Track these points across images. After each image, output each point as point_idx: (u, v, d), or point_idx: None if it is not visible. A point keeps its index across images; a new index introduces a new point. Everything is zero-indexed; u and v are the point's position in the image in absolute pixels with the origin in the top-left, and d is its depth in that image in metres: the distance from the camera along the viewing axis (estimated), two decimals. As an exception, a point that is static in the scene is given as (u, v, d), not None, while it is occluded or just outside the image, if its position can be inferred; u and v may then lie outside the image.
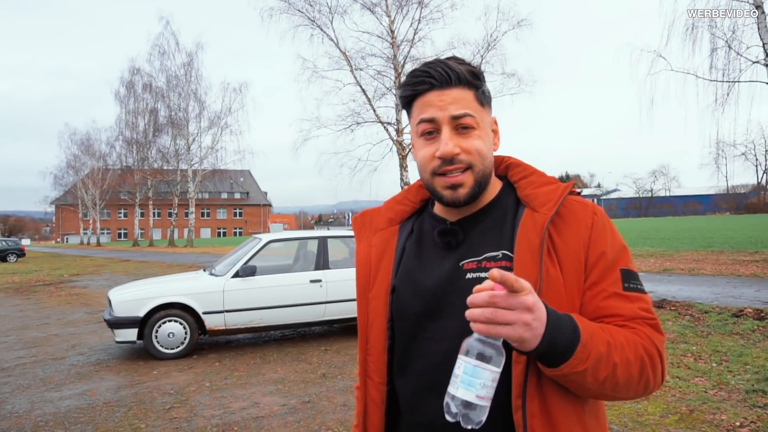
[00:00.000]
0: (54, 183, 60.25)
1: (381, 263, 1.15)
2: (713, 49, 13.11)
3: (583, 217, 1.02)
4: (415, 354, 1.05)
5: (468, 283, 1.00)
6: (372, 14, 19.47)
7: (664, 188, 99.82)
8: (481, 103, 1.04)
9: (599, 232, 1.01)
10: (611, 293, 0.98)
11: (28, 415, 4.64)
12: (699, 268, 12.21)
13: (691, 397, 4.27)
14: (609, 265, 1.00)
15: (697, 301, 7.84)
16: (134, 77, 39.09)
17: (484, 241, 1.05)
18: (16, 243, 34.93)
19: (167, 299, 6.45)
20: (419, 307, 1.06)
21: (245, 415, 4.44)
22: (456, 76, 1.01)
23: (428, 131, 1.03)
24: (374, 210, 1.24)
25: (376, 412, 1.11)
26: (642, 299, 1.00)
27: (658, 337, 0.97)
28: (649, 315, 0.98)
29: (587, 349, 0.87)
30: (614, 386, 0.91)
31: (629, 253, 1.05)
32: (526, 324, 0.82)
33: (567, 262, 0.99)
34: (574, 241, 1.00)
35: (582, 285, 0.99)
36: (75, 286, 15.64)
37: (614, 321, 0.97)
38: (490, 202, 1.10)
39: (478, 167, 1.02)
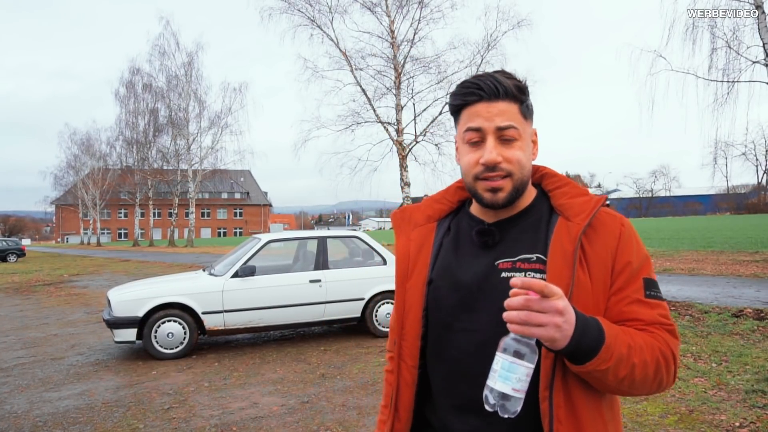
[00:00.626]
0: (54, 183, 60.34)
1: (419, 256, 1.24)
2: (713, 48, 13.10)
3: (612, 228, 1.11)
4: (448, 343, 1.15)
5: (502, 281, 1.10)
6: (372, 14, 19.47)
7: (665, 188, 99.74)
8: (524, 116, 1.13)
9: (626, 242, 1.10)
10: (634, 299, 1.07)
11: (27, 415, 4.64)
12: (699, 268, 12.20)
13: (690, 398, 4.26)
14: (633, 273, 1.09)
15: (697, 301, 7.83)
16: (134, 77, 39.12)
17: (519, 244, 1.14)
18: (16, 243, 34.94)
19: (166, 299, 6.44)
20: (455, 299, 1.15)
21: (244, 415, 4.43)
22: (504, 90, 1.10)
23: (474, 140, 1.12)
24: (413, 206, 1.33)
25: (407, 393, 1.20)
26: (661, 306, 1.09)
27: (673, 342, 1.07)
28: (667, 321, 1.08)
29: (611, 350, 0.97)
30: (631, 384, 1.01)
31: (651, 263, 1.13)
32: (557, 326, 0.92)
33: (596, 268, 1.08)
34: (603, 250, 1.09)
35: (608, 290, 1.08)
36: (75, 286, 15.64)
37: (635, 325, 1.06)
38: (525, 207, 1.18)
39: (517, 175, 1.11)
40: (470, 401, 1.06)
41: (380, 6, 19.34)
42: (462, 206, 1.29)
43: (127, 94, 39.64)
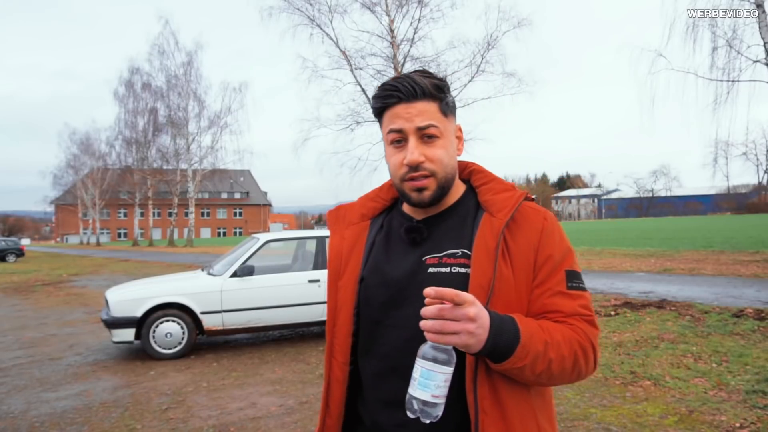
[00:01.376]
0: (54, 183, 60.34)
1: (351, 255, 1.25)
2: (714, 47, 13.07)
3: (534, 223, 1.14)
4: (377, 339, 1.16)
5: (429, 276, 1.13)
6: (372, 13, 19.44)
7: (665, 188, 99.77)
8: (444, 114, 1.15)
9: (548, 236, 1.14)
10: (556, 291, 1.11)
11: (24, 415, 4.62)
12: (699, 268, 12.17)
13: (690, 398, 4.24)
14: (555, 266, 1.12)
15: (698, 301, 7.81)
16: (133, 77, 39.06)
17: (446, 239, 1.16)
18: (15, 243, 34.93)
19: (165, 299, 6.42)
20: (385, 296, 1.16)
21: (242, 415, 4.41)
22: (421, 90, 1.11)
23: (397, 140, 1.14)
24: (348, 205, 1.35)
25: (338, 389, 1.22)
26: (582, 297, 1.13)
27: (592, 332, 1.11)
28: (587, 312, 1.12)
29: (526, 348, 1.00)
30: (549, 377, 1.05)
31: (574, 255, 1.17)
32: (470, 332, 0.95)
33: (518, 262, 1.11)
34: (525, 245, 1.12)
35: (530, 283, 1.12)
36: (74, 286, 15.62)
37: (556, 317, 1.09)
38: (453, 204, 1.21)
39: (441, 174, 1.14)
40: (398, 396, 1.06)
41: (380, 5, 19.33)
42: (395, 204, 1.31)
43: (126, 93, 39.62)
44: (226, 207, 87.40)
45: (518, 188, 1.21)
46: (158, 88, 38.33)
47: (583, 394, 4.50)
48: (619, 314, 7.33)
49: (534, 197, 1.23)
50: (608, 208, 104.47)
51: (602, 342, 6.02)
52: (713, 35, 13.24)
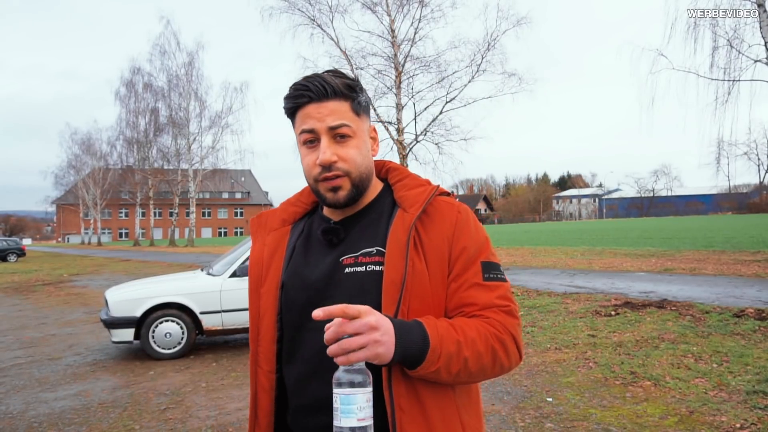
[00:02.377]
0: (55, 183, 60.36)
1: (272, 261, 1.24)
2: (714, 47, 13.04)
3: (447, 216, 1.14)
4: (300, 343, 1.15)
5: (346, 276, 1.12)
6: (372, 13, 19.41)
7: (666, 188, 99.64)
8: (357, 113, 1.14)
9: (461, 228, 1.13)
10: (472, 284, 1.10)
11: (22, 415, 4.61)
12: (700, 268, 12.14)
13: (691, 399, 4.22)
14: (470, 258, 1.11)
15: (698, 301, 7.78)
16: (135, 77, 39.06)
17: (362, 239, 1.16)
18: (16, 243, 34.98)
19: (164, 299, 6.41)
20: (304, 300, 1.14)
21: (241, 416, 4.40)
22: (332, 90, 1.11)
23: (309, 140, 1.13)
24: (270, 212, 1.34)
25: (266, 398, 1.19)
26: (501, 287, 1.12)
27: (511, 322, 1.09)
28: (504, 302, 1.10)
29: (437, 352, 0.99)
30: (468, 375, 1.04)
31: (490, 246, 1.17)
32: (376, 342, 0.94)
33: (432, 256, 1.10)
34: (438, 238, 1.12)
35: (446, 277, 1.11)
36: (74, 286, 15.62)
37: (471, 309, 1.09)
38: (369, 203, 1.21)
39: (354, 173, 1.13)
40: (321, 400, 1.05)
41: (381, 5, 19.31)
42: (316, 208, 1.30)
43: (127, 93, 39.61)
44: (227, 207, 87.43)
45: (434, 184, 1.21)
46: (159, 88, 38.36)
47: (583, 394, 4.48)
48: (619, 314, 7.30)
49: (450, 192, 1.23)
50: (609, 208, 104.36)
51: (602, 342, 6.00)
52: (714, 35, 13.21)
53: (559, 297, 8.99)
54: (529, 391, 4.64)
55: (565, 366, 5.31)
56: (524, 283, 10.87)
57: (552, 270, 13.35)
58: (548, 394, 4.56)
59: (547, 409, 4.22)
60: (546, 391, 4.63)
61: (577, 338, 6.29)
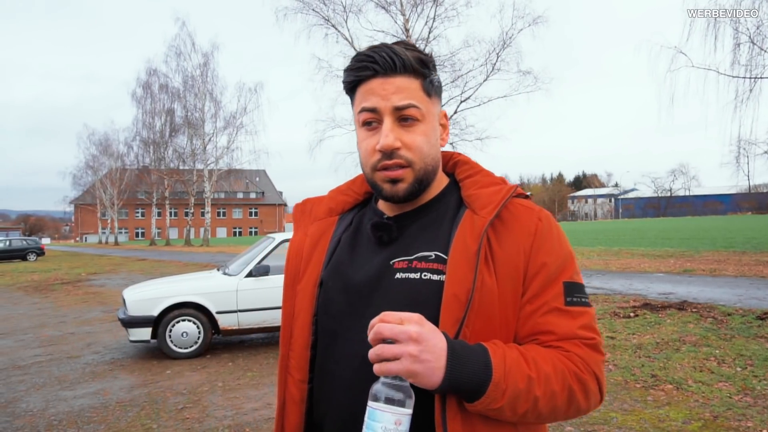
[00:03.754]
0: (73, 183, 61.17)
1: (313, 254, 1.09)
2: (736, 44, 12.85)
3: (526, 223, 0.96)
4: (334, 352, 0.99)
5: (396, 283, 0.96)
6: (386, 13, 19.44)
7: (684, 188, 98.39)
8: (428, 94, 0.98)
9: (542, 239, 0.95)
10: (551, 308, 0.92)
11: (42, 413, 4.65)
12: (721, 268, 11.95)
13: (714, 403, 4.13)
14: (551, 276, 0.94)
15: (720, 303, 7.65)
16: (151, 78, 39.54)
17: (420, 240, 1.00)
18: (36, 242, 35.50)
19: (181, 299, 6.44)
20: (344, 303, 1.00)
21: (257, 416, 4.39)
22: (402, 63, 0.94)
23: (369, 121, 0.97)
24: (317, 198, 1.19)
25: (295, 411, 1.04)
26: (585, 315, 0.94)
27: (594, 358, 0.92)
28: (588, 334, 0.93)
29: (501, 387, 0.83)
30: (537, 417, 0.88)
31: (575, 263, 0.98)
32: (412, 356, 0.79)
33: (504, 271, 0.93)
34: (513, 249, 0.94)
35: (519, 298, 0.93)
36: (92, 285, 15.81)
37: (548, 339, 0.92)
38: (432, 199, 1.04)
39: (419, 165, 0.96)
40: (355, 416, 0.88)
41: (395, 5, 19.30)
42: (369, 200, 1.14)
43: (143, 94, 40.11)
44: (241, 207, 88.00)
45: (510, 183, 1.04)
46: (175, 89, 38.78)
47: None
48: (638, 316, 7.20)
49: (529, 194, 1.05)
50: (625, 208, 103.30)
51: (621, 344, 5.91)
52: (735, 32, 13.02)
53: (576, 298, 8.88)
54: (547, 394, 4.58)
55: (584, 368, 5.23)
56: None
57: (568, 270, 13.21)
58: (567, 396, 4.49)
59: (566, 412, 4.15)
60: (565, 393, 4.57)
61: (596, 340, 6.20)
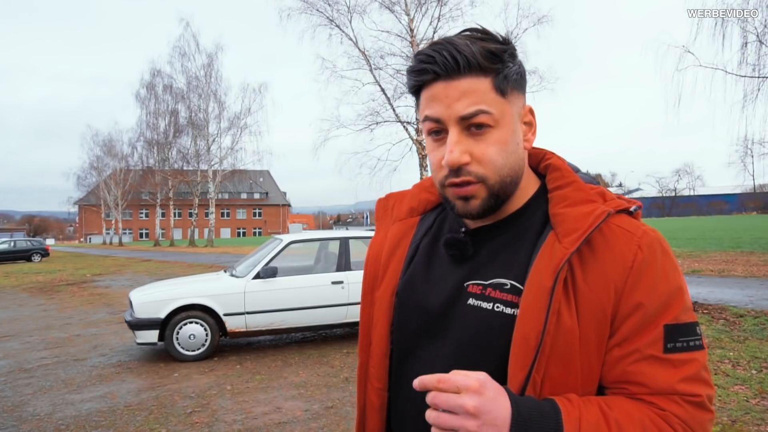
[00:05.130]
0: (77, 184, 61.18)
1: (392, 260, 1.01)
2: (744, 43, 12.74)
3: (621, 252, 0.81)
4: (407, 371, 0.93)
5: (469, 310, 0.87)
6: (391, 13, 19.35)
7: (688, 187, 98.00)
8: (502, 92, 0.83)
9: (640, 275, 0.79)
10: (646, 356, 0.78)
11: (50, 417, 4.61)
12: (729, 269, 11.85)
13: (732, 407, 4.06)
14: (648, 319, 0.79)
15: (731, 304, 7.56)
16: (155, 79, 39.54)
17: (496, 262, 0.88)
18: (40, 243, 35.51)
19: (188, 301, 6.39)
20: (417, 323, 0.93)
21: (267, 420, 4.34)
22: (465, 62, 0.81)
23: (435, 130, 0.86)
24: (399, 194, 1.09)
25: (375, 418, 1.00)
26: (692, 364, 0.78)
27: (698, 419, 0.77)
28: (692, 390, 0.77)
29: None
30: None
31: (684, 300, 0.81)
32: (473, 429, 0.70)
33: (588, 309, 0.79)
34: (600, 284, 0.80)
35: (605, 341, 0.80)
36: (97, 287, 15.79)
37: (639, 392, 0.78)
38: (516, 211, 0.91)
39: (493, 179, 0.84)
40: None
41: (399, 5, 19.23)
42: None
43: (147, 95, 40.11)
44: (245, 207, 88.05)
45: (611, 197, 0.87)
46: (179, 89, 38.78)
47: (618, 401, 4.34)
48: (649, 317, 7.12)
49: (634, 208, 0.87)
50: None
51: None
52: (743, 30, 12.91)
53: (585, 299, 8.81)
54: (561, 398, 4.52)
55: (596, 371, 5.17)
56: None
57: (575, 271, 13.13)
58: (581, 400, 4.43)
59: (581, 416, 4.09)
60: (578, 397, 4.50)
61: (607, 342, 6.13)
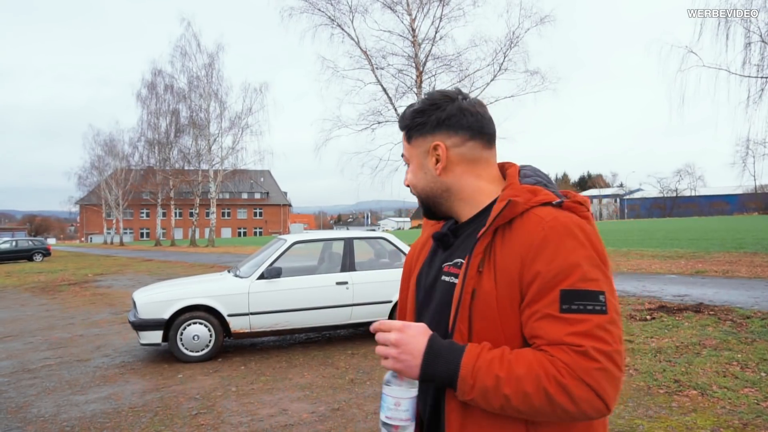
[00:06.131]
0: (78, 183, 61.16)
1: (421, 253, 1.33)
2: (747, 43, 12.72)
3: (529, 232, 1.03)
4: None
5: (441, 284, 1.18)
6: (393, 12, 19.32)
7: (689, 188, 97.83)
8: (408, 140, 1.22)
9: (541, 249, 1.01)
10: (544, 314, 0.99)
11: (54, 419, 4.58)
12: (734, 270, 11.80)
13: (742, 410, 4.02)
14: (546, 285, 0.99)
15: (737, 305, 7.53)
16: (156, 78, 39.51)
17: (459, 249, 1.18)
18: (42, 242, 35.48)
19: (192, 301, 6.36)
20: (421, 296, 1.26)
21: (273, 422, 4.31)
22: (401, 123, 1.24)
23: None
24: None
25: None
26: (585, 322, 0.96)
27: (582, 365, 0.94)
28: (577, 341, 0.95)
29: (468, 383, 0.98)
30: (518, 412, 0.98)
31: (581, 271, 0.99)
32: (393, 357, 1.05)
33: (502, 278, 1.03)
34: (510, 258, 1.04)
35: (518, 303, 1.03)
36: (99, 286, 15.76)
37: (539, 343, 0.99)
38: (478, 213, 1.18)
39: (418, 194, 1.23)
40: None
41: (401, 4, 19.19)
42: None
43: (149, 95, 40.08)
44: (246, 207, 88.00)
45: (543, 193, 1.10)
46: (180, 89, 38.76)
47: (626, 403, 4.31)
48: (655, 318, 7.08)
49: (560, 200, 1.09)
50: (631, 208, 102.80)
51: (640, 348, 5.80)
52: (746, 31, 12.88)
53: (589, 300, 8.76)
54: (569, 400, 4.47)
55: (604, 373, 5.12)
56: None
57: (578, 272, 13.07)
58: (590, 402, 4.38)
59: (590, 419, 4.05)
60: (587, 399, 4.46)
61: (614, 344, 6.09)
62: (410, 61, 19.45)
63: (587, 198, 1.14)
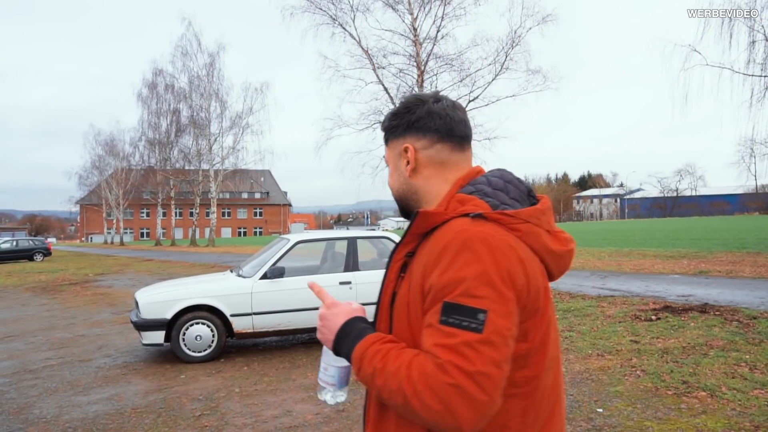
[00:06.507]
0: (79, 183, 61.12)
1: None
2: (751, 42, 12.67)
3: (435, 244, 1.06)
4: None
5: None
6: (394, 12, 19.25)
7: (690, 188, 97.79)
8: (386, 144, 1.29)
9: (438, 259, 1.03)
10: (428, 323, 1.01)
11: (56, 420, 4.53)
12: (737, 270, 11.75)
13: (753, 412, 3.97)
14: (436, 296, 1.01)
15: (743, 306, 7.48)
16: (157, 78, 39.46)
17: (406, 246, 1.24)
18: (42, 242, 35.43)
19: (195, 301, 6.31)
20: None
21: (278, 424, 4.26)
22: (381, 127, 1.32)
23: None
24: None
25: None
26: (452, 336, 0.95)
27: (436, 378, 0.93)
28: (438, 353, 0.95)
29: (356, 365, 1.06)
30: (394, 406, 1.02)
31: (465, 287, 0.98)
32: (318, 330, 1.19)
33: (414, 284, 1.08)
34: (420, 266, 1.07)
35: (422, 309, 1.06)
36: (100, 286, 15.71)
37: (422, 348, 1.02)
38: None
39: (393, 194, 1.30)
40: None
41: (402, 3, 19.13)
42: None
43: (149, 95, 40.03)
44: (246, 207, 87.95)
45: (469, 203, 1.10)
46: (181, 89, 38.72)
47: (635, 405, 4.26)
48: (660, 319, 7.03)
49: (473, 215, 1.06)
50: (631, 208, 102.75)
51: (647, 348, 5.75)
52: (750, 29, 12.84)
53: (593, 300, 8.73)
54: (576, 401, 4.43)
55: (610, 374, 5.08)
56: (554, 285, 10.59)
57: (581, 272, 13.04)
58: (597, 404, 4.34)
59: (599, 420, 4.01)
60: (595, 401, 4.42)
61: (620, 344, 6.05)
62: (411, 60, 19.40)
63: (529, 210, 1.09)
